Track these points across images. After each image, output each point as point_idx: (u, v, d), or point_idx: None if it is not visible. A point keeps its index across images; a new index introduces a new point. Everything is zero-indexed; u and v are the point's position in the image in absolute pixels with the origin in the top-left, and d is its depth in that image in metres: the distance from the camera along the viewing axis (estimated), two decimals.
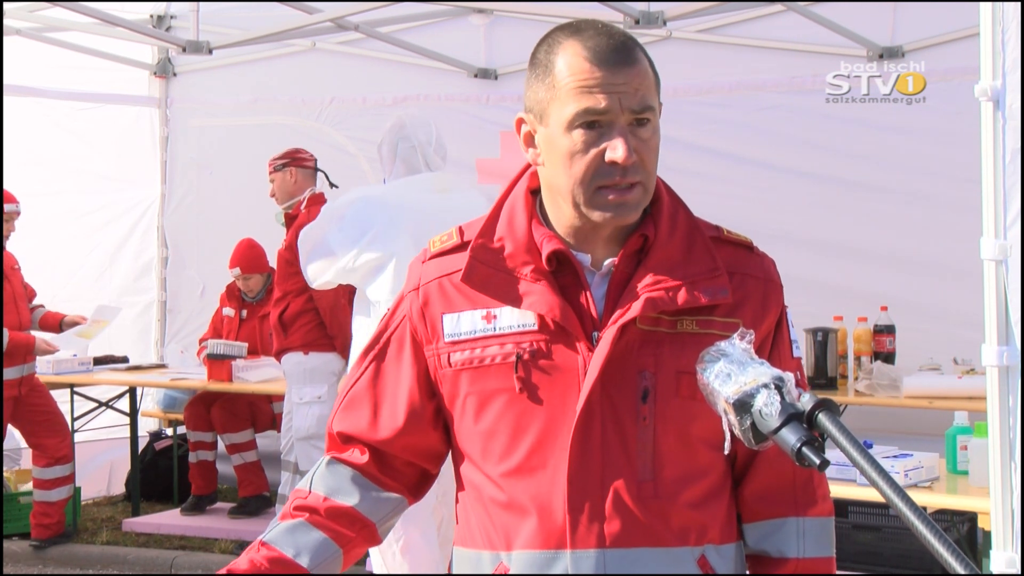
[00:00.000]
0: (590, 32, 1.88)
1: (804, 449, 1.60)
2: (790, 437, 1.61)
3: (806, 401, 1.63)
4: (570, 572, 1.86)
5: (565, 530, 1.86)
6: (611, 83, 1.83)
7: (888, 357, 6.17)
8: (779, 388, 1.65)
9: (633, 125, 1.85)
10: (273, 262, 6.92)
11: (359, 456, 2.04)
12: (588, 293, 1.91)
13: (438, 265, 1.99)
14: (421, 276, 2.01)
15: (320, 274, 4.71)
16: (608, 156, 1.84)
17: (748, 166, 6.82)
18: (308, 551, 1.99)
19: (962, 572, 1.45)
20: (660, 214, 1.94)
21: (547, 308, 1.88)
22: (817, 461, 1.59)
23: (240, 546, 6.79)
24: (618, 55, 1.85)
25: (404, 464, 2.05)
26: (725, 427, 1.70)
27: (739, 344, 1.72)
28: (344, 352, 6.43)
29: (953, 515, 5.17)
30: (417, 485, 2.09)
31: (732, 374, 1.68)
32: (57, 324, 7.06)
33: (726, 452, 1.75)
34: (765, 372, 1.67)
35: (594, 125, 1.84)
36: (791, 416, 1.62)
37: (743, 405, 1.66)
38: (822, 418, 1.61)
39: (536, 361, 1.89)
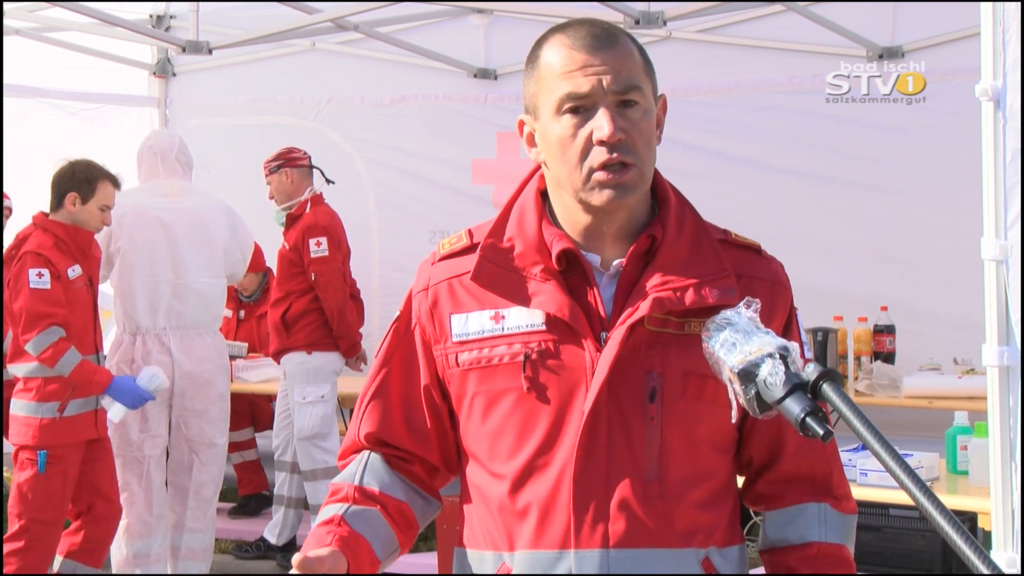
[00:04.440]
0: (575, 25, 1.91)
1: (808, 419, 1.60)
2: (794, 407, 1.62)
3: (811, 371, 1.63)
4: (574, 572, 1.86)
5: (569, 530, 1.86)
6: (591, 65, 1.85)
7: (888, 357, 6.17)
8: (784, 358, 1.66)
9: (620, 107, 1.86)
10: (271, 262, 6.92)
11: (404, 459, 2.03)
12: (597, 293, 1.92)
13: (448, 267, 1.99)
14: (431, 277, 2.01)
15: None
16: (595, 135, 1.85)
17: (748, 166, 6.82)
18: (381, 542, 1.96)
19: (932, 509, 1.47)
20: (668, 215, 1.95)
21: (556, 307, 1.89)
22: (821, 431, 1.59)
23: (239, 546, 6.79)
24: (598, 40, 1.87)
25: (431, 467, 2.05)
26: (731, 396, 1.70)
27: (745, 313, 1.72)
28: (348, 353, 6.44)
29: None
30: (436, 491, 2.09)
31: (737, 343, 1.69)
32: None
33: (732, 421, 1.76)
34: (770, 342, 1.67)
35: (579, 110, 1.86)
36: (796, 386, 1.63)
37: (748, 374, 1.66)
38: (826, 388, 1.61)
39: (544, 361, 1.89)
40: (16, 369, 5.29)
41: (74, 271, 5.30)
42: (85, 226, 5.36)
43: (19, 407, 5.27)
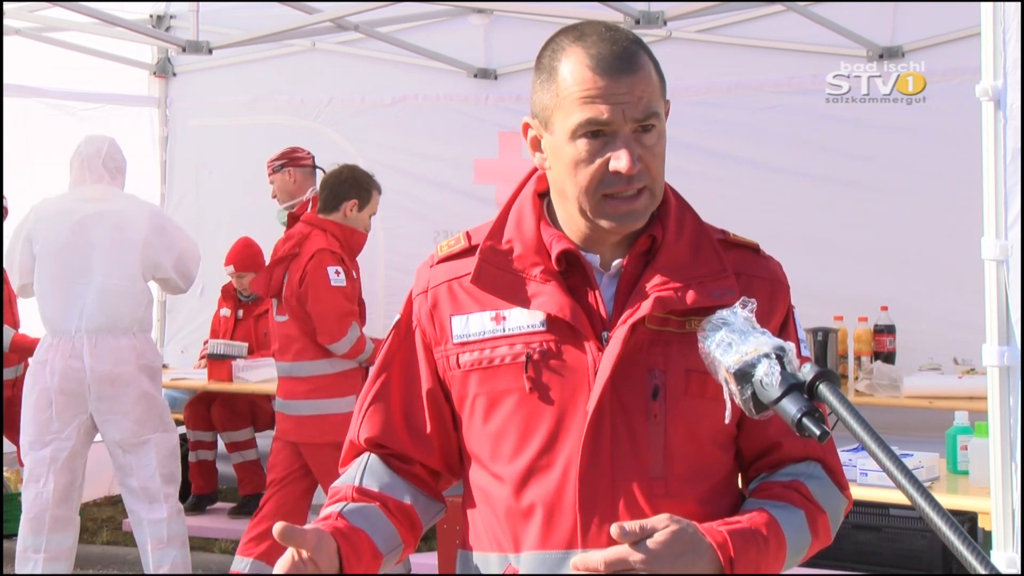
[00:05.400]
0: (593, 38, 1.87)
1: (804, 420, 1.60)
2: (791, 407, 1.61)
3: (807, 371, 1.63)
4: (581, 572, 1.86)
5: (576, 530, 1.86)
6: (614, 93, 1.83)
7: (888, 357, 6.17)
8: (780, 358, 1.65)
9: (638, 132, 1.85)
10: None
11: (405, 461, 2.02)
12: (597, 293, 1.92)
13: (447, 269, 1.99)
14: (430, 279, 2.01)
15: (16, 277, 5.70)
16: (612, 166, 1.84)
17: (748, 166, 6.82)
18: (383, 537, 1.93)
19: (929, 510, 1.49)
20: (667, 216, 1.95)
21: (557, 308, 1.89)
22: (817, 432, 1.59)
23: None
24: (621, 63, 1.84)
25: (433, 471, 2.05)
26: (726, 396, 1.70)
27: (741, 313, 1.72)
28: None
29: (953, 515, 5.17)
30: (439, 492, 2.09)
31: (733, 343, 1.68)
32: (31, 348, 6.88)
33: (726, 422, 1.76)
34: (766, 342, 1.67)
35: (598, 135, 1.84)
36: (792, 386, 1.62)
37: (744, 375, 1.66)
38: (823, 388, 1.61)
39: (546, 361, 1.89)
40: (299, 368, 5.40)
41: (354, 272, 5.51)
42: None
43: (312, 407, 5.38)
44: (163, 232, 5.74)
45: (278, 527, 1.74)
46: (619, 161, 1.83)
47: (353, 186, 5.57)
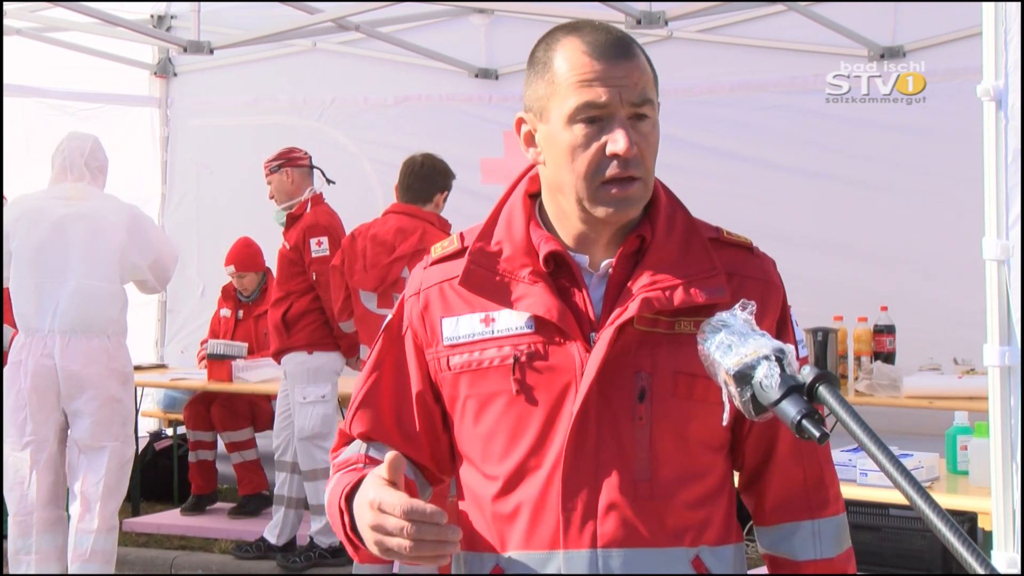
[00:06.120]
0: (588, 28, 1.89)
1: (804, 422, 1.59)
2: (790, 410, 1.61)
3: (807, 373, 1.62)
4: (563, 572, 1.86)
5: (559, 530, 1.86)
6: (611, 76, 1.84)
7: (888, 357, 6.17)
8: (780, 360, 1.64)
9: (633, 119, 1.86)
10: (271, 262, 6.92)
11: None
12: (585, 294, 1.91)
13: (440, 270, 1.99)
14: (422, 281, 2.01)
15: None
16: (609, 148, 1.84)
17: (748, 166, 6.83)
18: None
19: (929, 511, 1.49)
20: (658, 215, 1.94)
21: (544, 309, 1.88)
22: (817, 434, 1.59)
23: (239, 546, 6.79)
24: (617, 48, 1.86)
25: (423, 467, 2.05)
26: (725, 399, 1.69)
27: (740, 315, 1.71)
28: (348, 352, 6.44)
29: (953, 515, 5.16)
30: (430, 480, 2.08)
31: (733, 345, 1.68)
32: None
33: (724, 424, 1.75)
34: (766, 344, 1.66)
35: (595, 120, 1.85)
36: (791, 388, 1.62)
37: (743, 377, 1.66)
38: (822, 390, 1.60)
39: (533, 363, 1.89)
40: None
41: None
42: None
43: None
44: (141, 233, 5.69)
45: (390, 458, 1.76)
46: (616, 143, 1.83)
47: (446, 177, 5.77)
